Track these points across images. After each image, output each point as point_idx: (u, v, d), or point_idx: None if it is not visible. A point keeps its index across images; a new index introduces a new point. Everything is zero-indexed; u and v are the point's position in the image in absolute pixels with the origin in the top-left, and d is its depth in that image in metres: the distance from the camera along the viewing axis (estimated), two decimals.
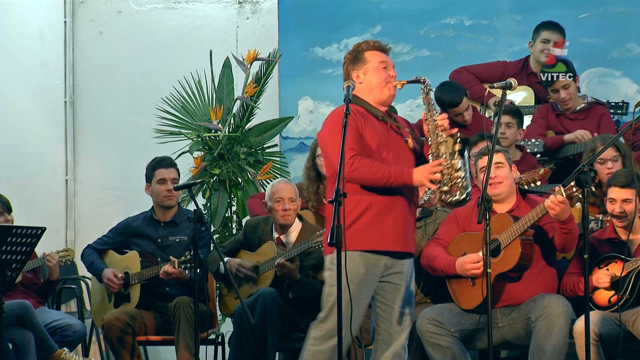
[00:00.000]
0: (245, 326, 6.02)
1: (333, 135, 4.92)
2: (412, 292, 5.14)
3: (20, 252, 6.02)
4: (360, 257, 4.96)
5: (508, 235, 5.64)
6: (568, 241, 5.63)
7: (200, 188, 7.62)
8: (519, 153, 6.95)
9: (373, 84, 5.09)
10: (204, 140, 7.70)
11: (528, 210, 5.71)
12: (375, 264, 5.01)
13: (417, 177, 4.90)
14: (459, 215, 5.96)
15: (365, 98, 5.10)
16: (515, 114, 6.97)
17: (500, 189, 5.83)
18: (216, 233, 7.61)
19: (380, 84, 5.09)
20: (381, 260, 5.02)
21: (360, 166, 4.89)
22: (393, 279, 5.08)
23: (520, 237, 5.61)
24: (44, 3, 8.57)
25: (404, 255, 5.08)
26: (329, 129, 5.02)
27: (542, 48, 7.57)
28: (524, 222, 5.61)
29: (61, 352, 6.53)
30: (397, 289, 5.09)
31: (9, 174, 7.95)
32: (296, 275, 6.25)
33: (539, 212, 5.56)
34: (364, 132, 4.99)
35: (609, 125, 7.20)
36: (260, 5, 8.67)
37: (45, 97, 8.52)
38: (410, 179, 4.91)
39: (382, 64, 5.10)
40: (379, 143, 5.01)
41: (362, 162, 4.89)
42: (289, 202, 6.37)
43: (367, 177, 4.91)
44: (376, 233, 4.97)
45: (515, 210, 5.83)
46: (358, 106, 5.05)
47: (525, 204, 5.84)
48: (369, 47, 5.14)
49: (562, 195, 5.37)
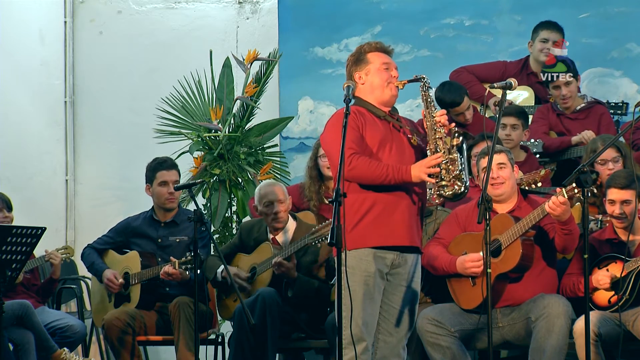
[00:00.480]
0: (245, 326, 6.02)
1: (334, 137, 4.93)
2: (415, 292, 5.14)
3: (21, 252, 6.02)
4: (370, 254, 4.97)
5: (509, 236, 5.64)
6: (568, 242, 5.63)
7: (200, 188, 7.62)
8: (523, 154, 6.95)
9: (375, 84, 5.11)
10: (204, 140, 7.69)
11: (529, 210, 5.71)
12: (383, 261, 5.01)
13: (415, 173, 4.92)
14: (460, 215, 5.96)
15: (367, 99, 5.11)
16: (520, 115, 6.96)
17: (502, 189, 5.83)
18: (216, 233, 7.60)
19: (382, 85, 5.10)
20: (388, 256, 5.02)
21: (358, 164, 4.90)
22: (396, 278, 5.08)
23: (521, 238, 5.62)
24: (44, 3, 8.57)
25: (412, 249, 5.09)
26: (331, 131, 5.04)
27: (541, 47, 7.57)
28: (525, 222, 5.61)
29: (61, 352, 6.53)
30: (399, 288, 5.09)
31: (9, 174, 7.95)
32: (293, 273, 6.25)
33: (540, 213, 5.56)
34: (365, 131, 5.01)
35: (610, 125, 7.20)
36: (260, 5, 8.67)
37: (45, 97, 8.51)
38: (409, 175, 4.92)
39: (384, 65, 5.12)
40: (381, 142, 5.02)
41: (360, 161, 4.90)
42: (279, 205, 6.37)
43: (366, 174, 4.92)
44: (384, 229, 4.98)
45: (516, 210, 5.83)
46: (360, 107, 5.07)
47: (527, 205, 5.84)
48: (371, 48, 5.16)
49: (564, 196, 5.37)
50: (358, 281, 4.93)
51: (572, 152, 7.07)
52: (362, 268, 4.91)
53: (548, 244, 5.74)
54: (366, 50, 5.16)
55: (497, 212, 5.82)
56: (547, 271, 5.80)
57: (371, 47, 5.16)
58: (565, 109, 7.24)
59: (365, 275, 4.93)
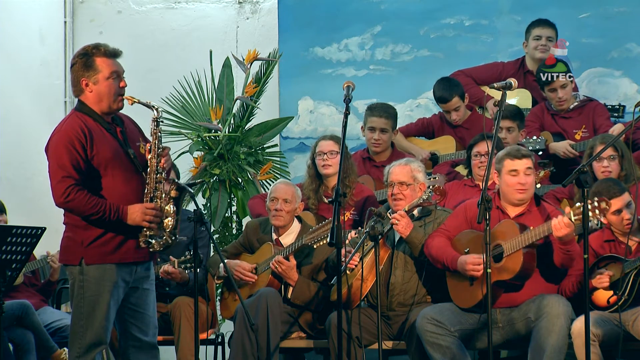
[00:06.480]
0: (245, 326, 6.02)
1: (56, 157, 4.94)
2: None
3: (20, 252, 6.02)
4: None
5: (512, 245, 5.59)
6: (566, 261, 5.62)
7: (200, 188, 7.62)
8: None
9: (103, 94, 5.01)
10: (204, 140, 7.70)
11: (538, 217, 5.69)
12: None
13: (133, 217, 4.94)
14: (469, 210, 5.91)
15: (94, 107, 5.04)
16: (515, 117, 6.96)
17: (527, 195, 5.78)
18: (216, 233, 7.60)
19: (110, 96, 5.02)
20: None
21: (76, 197, 4.88)
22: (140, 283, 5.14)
23: (524, 249, 5.58)
24: (44, 3, 8.57)
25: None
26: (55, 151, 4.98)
27: (535, 45, 7.57)
28: (530, 236, 5.55)
29: (61, 352, 6.54)
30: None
31: (9, 174, 7.95)
32: (293, 274, 6.24)
33: (547, 230, 5.50)
34: (95, 148, 4.96)
35: (604, 113, 7.19)
36: (260, 5, 8.67)
37: (45, 97, 8.51)
38: (126, 215, 4.93)
39: (114, 73, 5.03)
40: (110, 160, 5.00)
41: (78, 195, 4.89)
42: (283, 203, 6.37)
43: (83, 210, 4.92)
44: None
45: (525, 214, 5.79)
46: (86, 116, 5.02)
47: (536, 211, 5.80)
48: (100, 53, 5.01)
49: (571, 220, 5.33)
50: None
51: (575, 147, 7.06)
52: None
53: (550, 255, 5.71)
54: (95, 54, 5.01)
55: (508, 213, 5.80)
56: (546, 274, 5.78)
57: (100, 52, 5.02)
58: (560, 110, 7.24)
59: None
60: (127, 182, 5.00)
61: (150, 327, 5.16)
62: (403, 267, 6.09)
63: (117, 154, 4.99)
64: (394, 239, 6.16)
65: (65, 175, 4.88)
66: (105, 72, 4.99)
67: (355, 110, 8.12)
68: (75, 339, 4.97)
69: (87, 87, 4.99)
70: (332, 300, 6.18)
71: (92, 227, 4.94)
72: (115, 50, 5.04)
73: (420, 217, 6.15)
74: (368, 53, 8.38)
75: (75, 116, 5.01)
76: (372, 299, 6.09)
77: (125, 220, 4.93)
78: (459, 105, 7.30)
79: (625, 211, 5.73)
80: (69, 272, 5.01)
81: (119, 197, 4.95)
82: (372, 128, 7.18)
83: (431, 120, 7.57)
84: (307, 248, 6.26)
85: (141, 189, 5.02)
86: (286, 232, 6.44)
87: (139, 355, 5.16)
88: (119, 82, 5.02)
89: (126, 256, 4.99)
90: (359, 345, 6.02)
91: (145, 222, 4.94)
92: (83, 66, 4.98)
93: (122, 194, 4.96)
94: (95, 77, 4.98)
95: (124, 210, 4.92)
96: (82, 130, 4.91)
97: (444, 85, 7.32)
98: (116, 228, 4.95)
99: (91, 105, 5.01)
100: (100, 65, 4.98)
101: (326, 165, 6.72)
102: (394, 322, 6.10)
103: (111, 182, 4.96)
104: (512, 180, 5.76)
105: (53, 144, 4.98)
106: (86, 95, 5.01)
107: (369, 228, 5.81)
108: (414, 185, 6.14)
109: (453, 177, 6.98)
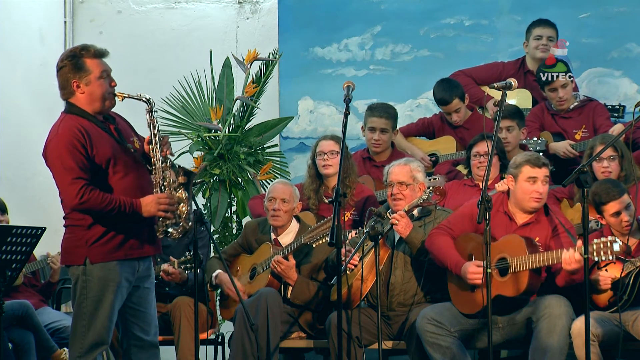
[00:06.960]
0: (245, 326, 6.02)
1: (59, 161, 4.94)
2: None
3: (20, 252, 6.03)
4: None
5: (519, 264, 5.55)
6: (568, 284, 5.62)
7: (200, 188, 7.62)
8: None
9: (96, 95, 5.04)
10: (204, 140, 7.70)
11: (546, 227, 5.69)
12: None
13: (147, 209, 4.94)
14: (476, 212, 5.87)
15: (86, 109, 5.05)
16: (514, 116, 6.96)
17: (541, 204, 5.78)
18: (216, 233, 7.61)
19: (102, 95, 5.04)
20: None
21: (91, 197, 4.87)
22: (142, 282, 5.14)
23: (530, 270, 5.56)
24: (44, 3, 8.57)
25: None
26: (55, 154, 4.99)
27: (536, 45, 7.57)
28: (538, 259, 5.49)
29: (61, 352, 6.53)
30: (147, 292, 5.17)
31: (9, 174, 7.94)
32: (292, 274, 6.24)
33: (556, 259, 5.46)
34: (94, 149, 4.96)
35: (604, 113, 7.20)
36: (260, 5, 8.67)
37: (45, 97, 8.50)
38: (140, 208, 4.93)
39: (104, 72, 5.06)
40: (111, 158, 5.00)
41: (92, 194, 4.88)
42: (281, 203, 6.37)
43: (98, 208, 4.90)
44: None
45: (532, 224, 5.76)
46: (81, 118, 5.02)
47: (545, 221, 5.77)
48: (90, 54, 5.05)
49: (582, 255, 5.27)
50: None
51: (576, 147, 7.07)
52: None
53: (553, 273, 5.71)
54: (84, 55, 5.04)
55: (515, 220, 5.78)
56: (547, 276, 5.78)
57: (89, 54, 5.05)
58: (560, 110, 7.24)
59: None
60: (131, 177, 5.00)
61: (151, 327, 5.16)
62: (403, 267, 6.09)
63: (117, 150, 4.99)
64: (393, 239, 6.16)
65: (75, 177, 4.87)
66: (96, 73, 5.01)
67: (355, 110, 8.12)
68: (76, 339, 4.97)
69: (79, 88, 5.00)
70: (332, 300, 6.19)
71: (95, 227, 4.93)
72: (102, 51, 5.08)
73: (420, 217, 6.15)
74: (368, 53, 8.39)
75: (69, 118, 5.01)
76: (372, 299, 6.09)
77: (141, 213, 4.93)
78: (459, 106, 7.30)
79: (624, 213, 5.72)
80: (71, 272, 5.00)
81: (126, 192, 4.95)
82: (372, 128, 7.18)
83: (432, 121, 7.57)
84: (306, 247, 6.26)
85: (146, 181, 5.03)
86: (285, 232, 6.44)
87: (141, 355, 5.15)
88: (109, 82, 5.05)
89: (131, 252, 4.99)
90: (359, 345, 6.02)
91: (161, 212, 4.94)
92: (73, 68, 5.00)
93: (128, 189, 4.96)
94: (86, 78, 4.99)
95: (137, 204, 4.92)
96: (80, 131, 4.91)
97: (444, 87, 7.32)
98: (121, 225, 4.95)
99: (83, 106, 5.01)
100: (90, 66, 5.00)
101: (326, 165, 6.72)
102: (394, 322, 6.10)
103: (116, 179, 4.96)
104: (529, 187, 5.73)
105: (53, 149, 4.97)
106: (77, 97, 5.02)
107: (369, 228, 5.81)
108: (414, 185, 6.14)
109: (454, 176, 6.98)
